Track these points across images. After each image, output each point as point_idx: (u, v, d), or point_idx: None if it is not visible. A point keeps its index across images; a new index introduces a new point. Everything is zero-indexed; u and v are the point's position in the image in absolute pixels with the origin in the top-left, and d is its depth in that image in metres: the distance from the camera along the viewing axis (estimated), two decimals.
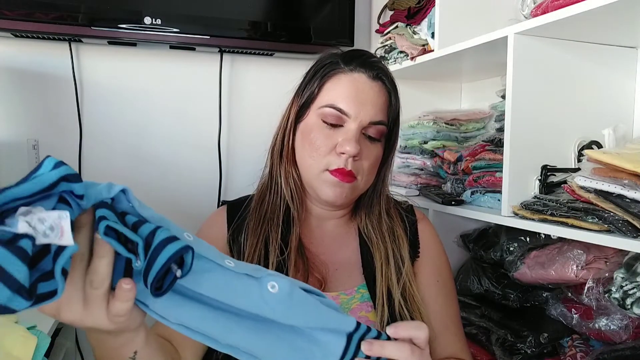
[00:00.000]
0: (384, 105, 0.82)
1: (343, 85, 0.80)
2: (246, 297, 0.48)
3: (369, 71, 0.81)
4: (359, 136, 0.79)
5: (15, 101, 1.30)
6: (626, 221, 0.77)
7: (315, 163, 0.81)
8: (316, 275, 0.82)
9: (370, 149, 0.82)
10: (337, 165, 0.79)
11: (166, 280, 0.43)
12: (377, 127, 0.81)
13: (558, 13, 0.87)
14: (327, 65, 0.83)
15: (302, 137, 0.84)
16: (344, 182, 0.79)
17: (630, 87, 1.08)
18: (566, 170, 1.00)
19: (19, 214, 0.36)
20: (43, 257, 0.37)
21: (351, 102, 0.79)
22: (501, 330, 1.12)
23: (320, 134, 0.80)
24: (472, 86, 1.59)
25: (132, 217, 0.44)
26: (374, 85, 0.81)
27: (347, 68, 0.81)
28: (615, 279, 0.86)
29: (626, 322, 0.91)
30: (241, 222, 0.86)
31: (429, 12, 1.27)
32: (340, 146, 0.78)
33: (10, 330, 0.66)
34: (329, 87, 0.81)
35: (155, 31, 1.28)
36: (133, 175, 1.41)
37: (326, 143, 0.79)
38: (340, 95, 0.80)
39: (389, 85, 0.83)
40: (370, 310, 0.81)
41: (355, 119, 0.79)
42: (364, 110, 0.79)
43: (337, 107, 0.79)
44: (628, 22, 0.90)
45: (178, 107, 1.44)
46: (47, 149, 1.32)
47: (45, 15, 1.19)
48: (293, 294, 0.50)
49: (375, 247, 0.86)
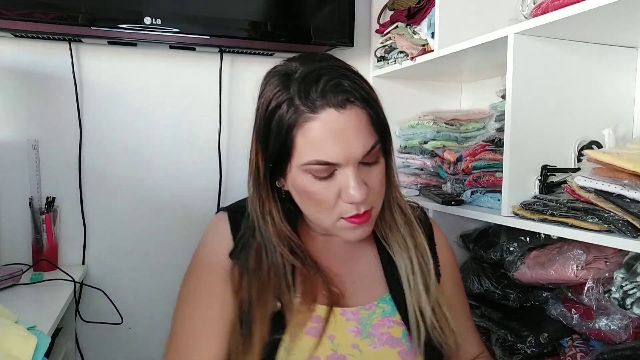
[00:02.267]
0: (367, 127, 0.71)
1: (317, 136, 0.69)
2: None
3: (333, 101, 0.68)
4: (359, 172, 0.71)
5: (15, 101, 1.30)
6: (626, 221, 0.77)
7: (326, 216, 0.74)
8: (334, 290, 0.78)
9: (372, 173, 0.74)
10: (350, 213, 0.72)
11: None
12: (371, 153, 0.72)
13: (558, 13, 0.87)
14: (286, 113, 0.71)
15: (296, 192, 0.76)
16: (363, 223, 0.74)
17: (630, 87, 1.08)
18: (566, 170, 1.00)
19: None
20: None
21: (336, 150, 0.69)
22: (501, 330, 1.12)
23: (317, 187, 0.72)
24: (472, 86, 1.59)
25: None
26: (347, 115, 0.69)
27: (310, 111, 0.69)
28: (615, 279, 0.86)
29: (626, 322, 0.91)
30: (244, 235, 0.80)
31: (429, 12, 1.27)
32: (346, 196, 0.71)
33: (10, 330, 0.66)
34: (302, 142, 0.70)
35: (155, 31, 1.28)
36: (132, 175, 1.41)
37: (328, 195, 0.72)
38: (320, 148, 0.69)
39: (362, 103, 0.70)
40: (392, 325, 0.77)
41: (347, 162, 0.70)
42: (351, 149, 0.69)
43: (324, 161, 0.70)
44: (628, 22, 0.90)
45: (178, 107, 1.44)
46: (47, 149, 1.32)
47: (45, 15, 1.19)
48: None
49: (399, 254, 0.80)
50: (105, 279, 1.37)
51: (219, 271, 0.78)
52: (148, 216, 1.42)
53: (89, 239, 1.37)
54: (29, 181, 1.29)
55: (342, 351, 0.74)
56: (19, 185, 1.28)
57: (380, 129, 0.73)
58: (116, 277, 1.39)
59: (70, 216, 1.35)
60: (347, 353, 0.74)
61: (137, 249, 1.41)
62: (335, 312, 0.77)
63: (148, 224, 1.42)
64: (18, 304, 1.01)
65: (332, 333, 0.75)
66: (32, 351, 0.64)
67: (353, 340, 0.75)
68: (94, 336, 1.38)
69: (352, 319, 0.77)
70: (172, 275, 0.93)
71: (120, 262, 1.40)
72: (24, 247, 1.29)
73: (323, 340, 0.74)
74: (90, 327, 1.36)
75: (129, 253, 1.41)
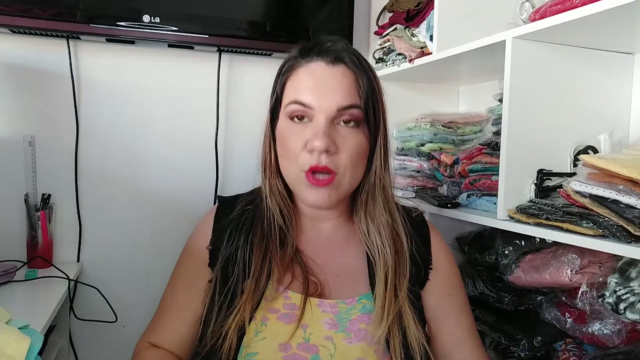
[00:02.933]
0: (351, 88, 0.75)
1: (302, 77, 0.76)
2: None
3: (326, 57, 0.76)
4: (331, 128, 0.74)
5: (12, 97, 1.30)
6: (620, 226, 0.77)
7: (291, 166, 0.77)
8: (313, 279, 0.79)
9: (347, 138, 0.75)
10: (310, 163, 0.74)
11: None
12: (349, 111, 0.74)
13: (556, 18, 0.87)
14: (287, 63, 0.80)
15: (279, 143, 0.80)
16: (321, 187, 0.75)
17: (627, 93, 1.09)
18: (562, 174, 1.00)
19: None
20: None
21: (312, 93, 0.74)
22: (495, 334, 1.12)
23: (290, 133, 0.76)
24: (470, 89, 1.59)
25: None
26: (334, 70, 0.75)
27: (304, 60, 0.77)
28: (609, 284, 0.87)
29: (619, 327, 0.91)
30: (229, 224, 0.84)
31: (428, 14, 1.27)
32: (309, 143, 0.73)
33: (4, 329, 0.66)
34: (289, 85, 0.78)
35: (153, 29, 1.28)
36: (129, 173, 1.41)
37: (297, 141, 0.75)
38: (301, 88, 0.76)
39: (353, 66, 0.76)
40: (370, 322, 0.77)
41: (320, 110, 0.74)
42: (327, 99, 0.73)
43: (299, 101, 0.75)
44: (625, 28, 0.90)
45: (175, 106, 1.44)
46: (44, 145, 1.32)
47: (44, 11, 1.19)
48: None
49: (379, 254, 0.80)
50: (100, 277, 1.37)
51: (197, 261, 0.86)
52: (144, 214, 1.42)
53: (84, 237, 1.37)
54: (24, 178, 1.28)
55: (315, 341, 0.74)
56: (15, 181, 1.28)
57: (366, 98, 0.76)
58: (111, 275, 1.39)
59: (65, 213, 1.35)
60: (320, 344, 0.74)
61: (132, 248, 1.41)
62: (312, 302, 0.77)
63: (144, 222, 1.42)
64: (12, 301, 1.01)
65: (306, 322, 0.75)
66: (26, 350, 0.64)
67: (327, 332, 0.75)
68: (88, 334, 1.37)
69: (329, 311, 0.77)
70: (167, 275, 0.93)
71: (116, 260, 1.40)
72: (18, 244, 1.29)
73: (295, 328, 0.74)
74: (84, 325, 1.35)
75: (124, 251, 1.41)
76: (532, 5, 1.01)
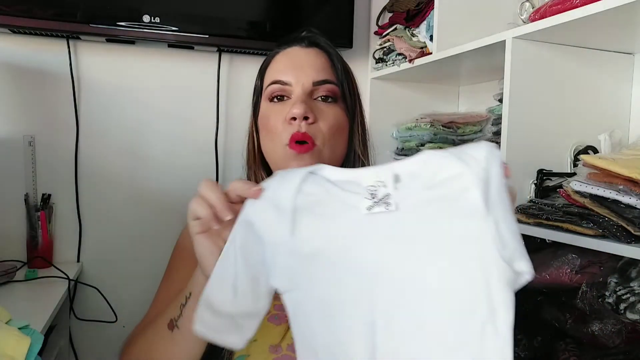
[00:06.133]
0: (325, 66, 0.79)
1: (278, 61, 0.80)
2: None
3: (301, 42, 0.81)
4: (309, 100, 0.76)
5: (12, 97, 1.30)
6: (620, 226, 0.77)
7: (275, 145, 0.77)
8: None
9: (325, 111, 0.77)
10: (290, 132, 0.74)
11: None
12: (324, 86, 0.77)
13: (556, 18, 0.87)
14: (266, 58, 0.84)
15: (262, 128, 0.81)
16: (303, 153, 0.75)
17: (627, 93, 1.09)
18: (562, 174, 1.00)
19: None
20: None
21: (289, 71, 0.78)
22: None
23: (271, 112, 0.78)
24: (470, 89, 1.59)
25: None
26: (309, 51, 0.80)
27: (281, 49, 0.82)
28: (609, 284, 0.87)
29: (619, 327, 0.91)
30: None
31: (428, 14, 1.27)
32: (288, 113, 0.75)
33: (4, 329, 0.66)
34: (268, 72, 0.81)
35: (153, 29, 1.28)
36: (129, 173, 1.41)
37: (277, 119, 0.77)
38: (277, 69, 0.79)
39: (327, 49, 0.81)
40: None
41: (297, 84, 0.77)
42: (303, 74, 0.77)
43: (277, 80, 0.78)
44: (625, 28, 0.90)
45: (175, 106, 1.44)
46: (44, 145, 1.32)
47: (44, 11, 1.19)
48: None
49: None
50: (99, 277, 1.37)
51: (191, 257, 0.85)
52: (144, 214, 1.42)
53: (84, 237, 1.37)
54: (24, 178, 1.28)
55: None
56: (15, 181, 1.28)
57: (341, 75, 0.80)
58: (111, 275, 1.39)
59: (65, 213, 1.35)
60: None
61: (132, 248, 1.41)
62: None
63: (144, 222, 1.42)
64: (12, 301, 1.01)
65: None
66: (26, 350, 0.64)
67: None
68: (88, 334, 1.37)
69: None
70: None
71: (115, 260, 1.40)
72: (18, 244, 1.29)
73: (286, 329, 0.73)
74: (84, 325, 1.35)
75: (124, 251, 1.41)
76: (532, 5, 1.01)
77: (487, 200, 0.43)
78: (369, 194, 0.45)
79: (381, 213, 0.45)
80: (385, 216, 0.45)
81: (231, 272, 0.49)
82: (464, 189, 0.44)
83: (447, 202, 0.44)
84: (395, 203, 0.44)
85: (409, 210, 0.45)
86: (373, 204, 0.45)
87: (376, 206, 0.45)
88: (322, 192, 0.48)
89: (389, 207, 0.45)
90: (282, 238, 0.47)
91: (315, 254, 0.47)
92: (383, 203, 0.45)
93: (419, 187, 0.45)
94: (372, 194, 0.45)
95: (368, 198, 0.45)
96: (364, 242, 0.45)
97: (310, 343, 0.48)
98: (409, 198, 0.45)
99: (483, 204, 0.43)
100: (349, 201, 0.46)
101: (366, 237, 0.45)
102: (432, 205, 0.45)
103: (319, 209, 0.47)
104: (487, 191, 0.43)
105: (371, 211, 0.45)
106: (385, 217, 0.45)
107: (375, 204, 0.45)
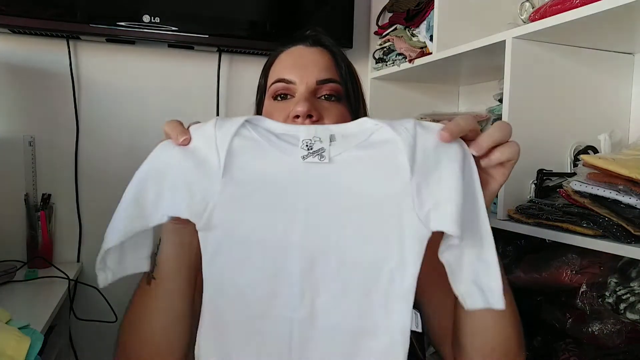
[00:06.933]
0: (329, 65, 0.79)
1: (282, 60, 0.81)
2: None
3: (305, 41, 0.81)
4: (313, 99, 0.76)
5: (12, 97, 1.30)
6: (620, 226, 0.77)
7: None
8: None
9: (329, 110, 0.77)
10: None
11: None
12: (328, 85, 0.77)
13: (556, 18, 0.87)
14: (270, 58, 0.84)
15: None
16: None
17: (627, 93, 1.09)
18: (562, 174, 1.00)
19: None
20: None
21: (293, 70, 0.78)
22: None
23: (274, 110, 0.78)
24: (470, 89, 1.59)
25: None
26: (313, 50, 0.80)
27: (285, 48, 0.82)
28: (609, 284, 0.87)
29: (619, 327, 0.91)
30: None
31: (428, 14, 1.27)
32: (292, 112, 0.75)
33: (3, 329, 0.66)
34: (271, 71, 0.82)
35: (153, 29, 1.28)
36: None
37: (281, 117, 0.76)
38: (281, 68, 0.80)
39: (331, 48, 0.81)
40: None
41: (301, 83, 0.77)
42: (307, 73, 0.77)
43: (281, 78, 0.78)
44: (625, 28, 0.90)
45: (175, 106, 1.44)
46: (44, 145, 1.32)
47: (44, 11, 1.19)
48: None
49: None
50: None
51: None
52: None
53: (84, 237, 1.37)
54: (24, 178, 1.28)
55: None
56: (15, 181, 1.28)
57: (344, 76, 0.80)
58: None
59: (65, 213, 1.35)
60: None
61: None
62: None
63: None
64: (12, 301, 1.01)
65: None
66: (26, 350, 0.64)
67: None
68: (88, 334, 1.37)
69: None
70: None
71: None
72: (18, 244, 1.29)
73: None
74: (84, 325, 1.35)
75: None
76: (532, 5, 1.01)
77: (412, 164, 0.47)
78: (306, 145, 0.50)
79: (314, 163, 0.49)
80: (318, 166, 0.49)
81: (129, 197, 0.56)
82: (393, 152, 0.49)
83: (376, 161, 0.49)
84: (329, 157, 0.49)
85: (341, 165, 0.50)
86: (308, 154, 0.49)
87: (311, 156, 0.49)
88: (259, 137, 0.51)
89: (323, 160, 0.49)
90: (215, 177, 0.50)
91: (246, 195, 0.50)
92: (317, 155, 0.49)
93: (352, 146, 0.50)
94: (308, 146, 0.50)
95: (304, 149, 0.50)
96: (296, 187, 0.50)
97: (222, 285, 0.51)
98: (342, 154, 0.50)
99: (408, 166, 0.47)
100: (285, 149, 0.50)
101: (298, 183, 0.50)
102: (363, 163, 0.50)
103: (254, 152, 0.50)
104: (413, 156, 0.48)
105: (305, 160, 0.49)
106: (318, 167, 0.49)
107: (310, 154, 0.49)
